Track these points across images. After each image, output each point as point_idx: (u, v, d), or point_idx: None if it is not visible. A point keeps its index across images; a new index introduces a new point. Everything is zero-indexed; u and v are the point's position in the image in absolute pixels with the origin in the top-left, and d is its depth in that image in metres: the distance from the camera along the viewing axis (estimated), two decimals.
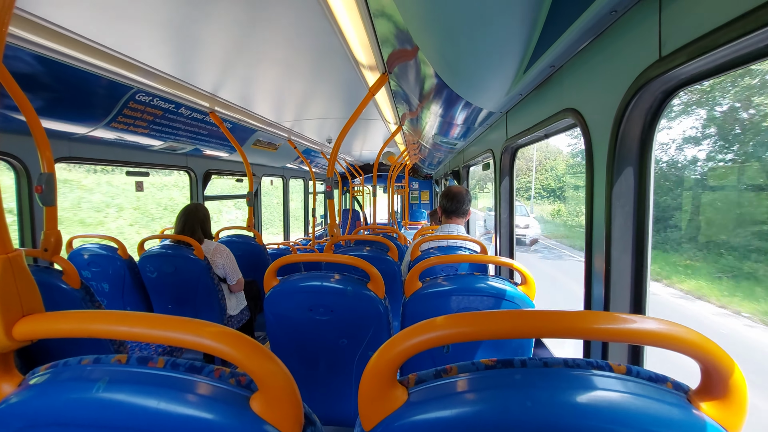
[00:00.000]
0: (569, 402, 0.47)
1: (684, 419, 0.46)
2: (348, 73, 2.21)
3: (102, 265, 2.49)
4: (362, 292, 1.42)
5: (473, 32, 1.12)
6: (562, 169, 27.53)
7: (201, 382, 0.53)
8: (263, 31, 1.66)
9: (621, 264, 1.09)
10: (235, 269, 2.61)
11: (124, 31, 1.63)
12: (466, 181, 4.38)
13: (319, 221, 8.88)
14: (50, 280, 1.56)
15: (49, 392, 0.51)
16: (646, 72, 0.90)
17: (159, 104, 2.58)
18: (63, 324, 0.53)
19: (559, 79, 1.43)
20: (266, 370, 0.49)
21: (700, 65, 0.79)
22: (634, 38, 0.96)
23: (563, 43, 1.12)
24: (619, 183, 1.06)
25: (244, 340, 0.50)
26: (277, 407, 0.50)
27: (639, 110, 0.98)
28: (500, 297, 1.35)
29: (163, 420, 0.49)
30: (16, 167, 2.34)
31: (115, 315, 0.52)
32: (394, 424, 0.50)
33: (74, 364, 0.55)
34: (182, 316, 0.52)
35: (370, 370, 0.51)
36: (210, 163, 4.21)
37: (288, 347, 1.53)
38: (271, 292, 1.47)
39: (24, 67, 1.74)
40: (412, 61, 1.70)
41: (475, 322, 0.49)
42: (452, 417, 0.48)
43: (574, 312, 0.48)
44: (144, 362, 0.55)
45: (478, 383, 0.51)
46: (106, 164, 3.10)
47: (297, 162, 6.07)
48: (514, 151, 2.36)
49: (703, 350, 0.46)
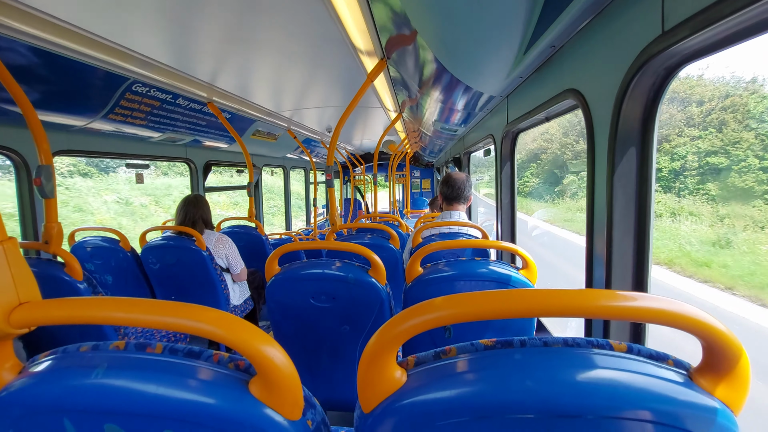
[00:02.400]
0: (569, 380, 0.47)
1: (685, 397, 0.46)
2: (346, 59, 2.18)
3: (104, 257, 2.50)
4: (364, 279, 1.42)
5: (472, 13, 1.10)
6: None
7: (200, 367, 0.53)
8: (259, 18, 1.63)
9: (623, 246, 1.08)
10: (237, 259, 2.62)
11: (118, 20, 1.61)
12: (467, 167, 4.35)
13: (321, 211, 8.89)
14: (53, 272, 1.56)
15: (48, 379, 0.52)
16: (649, 48, 0.88)
17: (156, 95, 2.56)
18: (59, 311, 0.53)
19: (559, 60, 1.41)
20: (264, 353, 0.49)
21: (703, 39, 0.77)
22: (636, 13, 0.94)
23: (564, 21, 1.10)
24: (621, 164, 1.05)
25: (242, 325, 0.50)
26: (276, 391, 0.50)
27: (641, 89, 0.97)
28: (501, 281, 1.35)
29: (162, 405, 0.49)
30: (15, 160, 2.34)
31: (112, 301, 0.52)
32: (394, 406, 0.50)
33: (73, 351, 0.55)
34: (186, 302, 0.52)
35: (368, 352, 0.51)
36: (210, 154, 4.20)
37: (291, 334, 1.54)
38: (273, 280, 1.47)
39: (18, 58, 1.72)
40: (411, 46, 1.67)
41: (472, 302, 0.48)
42: (452, 398, 0.48)
43: (574, 290, 0.47)
44: (142, 348, 0.55)
45: (478, 363, 0.51)
46: (105, 157, 3.09)
47: (297, 152, 6.04)
48: (515, 136, 2.34)
49: (705, 328, 0.45)
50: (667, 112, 8.25)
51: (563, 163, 12.69)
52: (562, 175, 12.51)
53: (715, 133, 7.87)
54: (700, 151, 7.93)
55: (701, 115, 8.30)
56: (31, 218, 2.41)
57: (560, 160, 12.89)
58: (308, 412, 0.55)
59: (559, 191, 12.49)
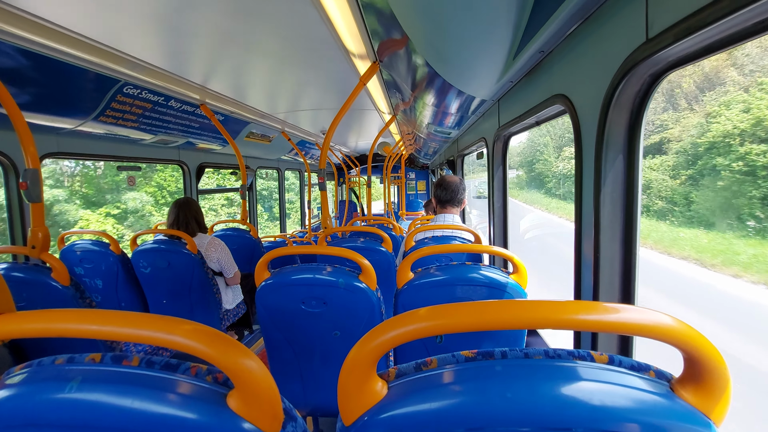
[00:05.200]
0: (549, 393, 0.47)
1: (665, 408, 0.46)
2: (339, 62, 2.18)
3: (95, 261, 2.48)
4: (353, 284, 1.42)
5: (462, 18, 1.10)
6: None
7: (177, 380, 0.52)
8: (252, 20, 1.62)
9: (610, 251, 1.08)
10: (230, 262, 2.60)
11: (109, 22, 1.60)
12: (461, 170, 4.36)
13: (316, 213, 8.87)
14: (40, 278, 1.54)
15: (22, 393, 0.51)
16: (634, 55, 0.89)
17: (148, 97, 2.54)
18: (31, 324, 0.52)
19: (548, 65, 1.42)
20: (241, 366, 0.49)
21: (687, 46, 0.78)
22: (621, 20, 0.94)
23: (551, 27, 1.10)
24: (608, 170, 1.05)
25: (218, 337, 0.49)
26: (255, 404, 0.50)
27: (627, 95, 0.97)
28: (492, 286, 1.34)
29: (138, 419, 0.48)
30: (3, 163, 2.31)
31: (86, 313, 0.51)
32: (374, 419, 0.50)
33: (48, 363, 0.54)
34: (162, 315, 0.52)
35: (348, 364, 0.50)
36: (203, 157, 4.18)
37: (281, 340, 1.53)
38: (263, 285, 1.46)
39: (6, 60, 1.70)
40: (403, 50, 1.68)
41: (455, 314, 0.48)
42: (432, 411, 0.48)
43: (555, 302, 0.47)
44: (118, 361, 0.54)
45: (459, 376, 0.51)
46: (96, 159, 3.07)
47: (292, 154, 6.03)
48: (506, 139, 2.35)
49: (685, 338, 0.45)
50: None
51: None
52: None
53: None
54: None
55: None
56: (20, 222, 2.38)
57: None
58: (288, 425, 0.54)
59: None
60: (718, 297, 5.84)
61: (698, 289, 6.22)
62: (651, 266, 6.93)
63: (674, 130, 8.69)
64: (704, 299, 5.91)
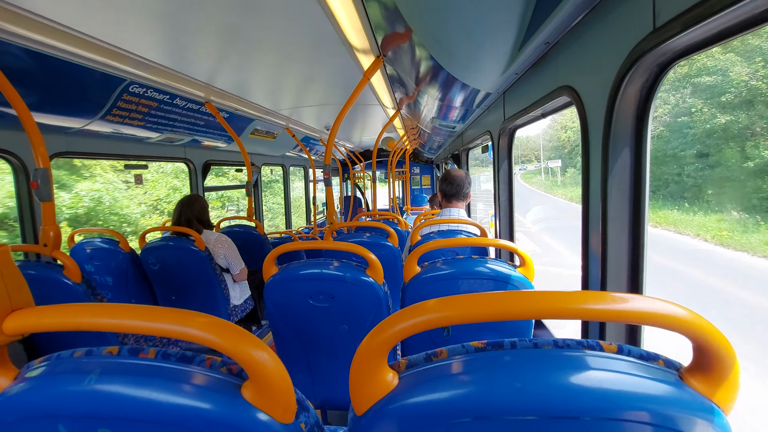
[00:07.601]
0: (558, 382, 0.47)
1: (675, 396, 0.46)
2: (342, 57, 2.17)
3: (104, 258, 2.51)
4: (360, 278, 1.43)
5: (466, 10, 1.09)
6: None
7: (192, 372, 0.53)
8: (255, 17, 1.63)
9: (618, 243, 1.08)
10: (237, 259, 2.62)
11: (113, 21, 1.60)
12: (466, 164, 4.35)
13: (321, 209, 8.89)
14: (52, 275, 1.57)
15: (42, 385, 0.52)
16: (641, 45, 0.88)
17: (154, 95, 2.56)
18: (50, 318, 0.53)
19: (554, 57, 1.41)
20: (255, 357, 0.50)
21: (695, 35, 0.77)
22: (627, 10, 0.93)
23: (557, 18, 1.10)
24: (615, 161, 1.04)
25: (232, 329, 0.50)
26: (269, 394, 0.51)
27: (634, 85, 0.96)
28: (499, 279, 1.35)
29: (155, 409, 0.49)
30: (13, 163, 2.34)
31: (103, 307, 0.52)
32: (386, 409, 0.50)
33: (67, 357, 0.56)
34: (177, 308, 0.53)
35: (360, 354, 0.51)
36: (209, 154, 4.20)
37: (289, 334, 1.55)
38: (271, 280, 1.48)
39: (14, 62, 1.72)
40: (407, 44, 1.67)
41: (464, 305, 0.48)
42: (443, 400, 0.49)
43: (563, 292, 0.47)
44: (135, 353, 0.55)
45: (468, 366, 0.51)
46: (104, 158, 3.10)
47: (296, 150, 6.04)
48: (512, 132, 2.34)
49: (694, 327, 0.45)
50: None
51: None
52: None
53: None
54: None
55: None
56: (30, 221, 2.41)
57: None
58: (301, 415, 0.55)
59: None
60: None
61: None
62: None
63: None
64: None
